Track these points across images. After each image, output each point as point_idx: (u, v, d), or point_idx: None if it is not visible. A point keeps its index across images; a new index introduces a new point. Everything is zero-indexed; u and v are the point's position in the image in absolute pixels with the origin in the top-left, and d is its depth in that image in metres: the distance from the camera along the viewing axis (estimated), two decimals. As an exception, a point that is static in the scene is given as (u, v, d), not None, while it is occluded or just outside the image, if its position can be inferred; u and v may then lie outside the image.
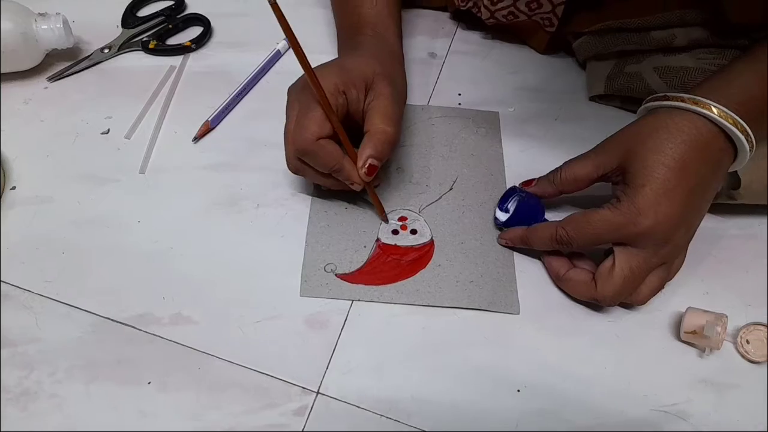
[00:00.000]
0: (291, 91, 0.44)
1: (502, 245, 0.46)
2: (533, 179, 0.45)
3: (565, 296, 0.43)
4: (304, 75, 0.43)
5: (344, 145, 0.42)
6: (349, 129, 0.43)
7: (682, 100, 0.39)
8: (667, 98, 0.40)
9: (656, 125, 0.39)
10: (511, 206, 0.45)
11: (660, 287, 0.41)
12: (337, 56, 0.51)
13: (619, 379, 0.40)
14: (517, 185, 0.46)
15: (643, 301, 0.42)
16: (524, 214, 0.45)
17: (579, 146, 0.48)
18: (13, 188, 0.47)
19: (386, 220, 0.46)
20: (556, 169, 0.44)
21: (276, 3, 0.37)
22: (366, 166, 0.41)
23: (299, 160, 0.43)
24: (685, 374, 0.41)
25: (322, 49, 0.55)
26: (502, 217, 0.45)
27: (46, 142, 0.50)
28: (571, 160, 0.43)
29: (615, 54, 0.55)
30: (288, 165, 0.44)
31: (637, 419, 0.39)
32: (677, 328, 0.42)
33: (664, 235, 0.38)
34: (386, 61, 0.46)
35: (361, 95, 0.43)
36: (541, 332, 0.42)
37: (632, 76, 0.53)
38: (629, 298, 0.41)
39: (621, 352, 0.41)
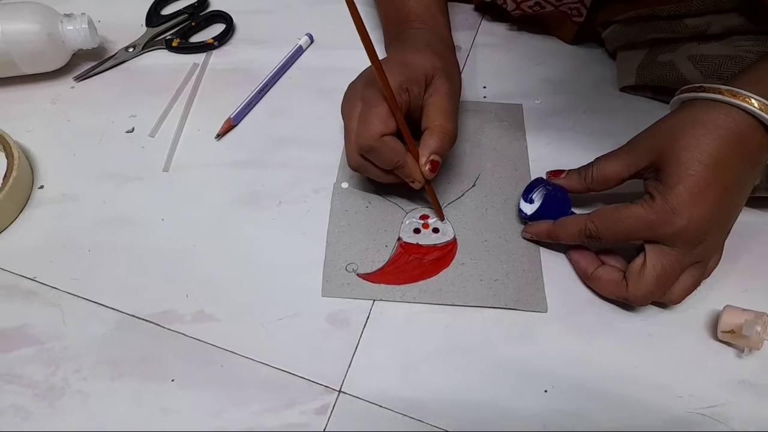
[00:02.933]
0: (352, 88, 0.43)
1: (526, 239, 0.44)
2: (562, 170, 0.44)
3: (595, 294, 0.42)
4: (364, 72, 0.43)
5: (407, 142, 0.41)
6: (407, 125, 0.42)
7: (720, 92, 0.37)
8: (703, 89, 0.38)
9: (691, 120, 0.37)
10: (537, 198, 0.44)
11: (694, 287, 0.40)
12: (385, 49, 0.51)
13: (652, 379, 0.39)
14: (543, 176, 0.45)
15: (677, 301, 0.40)
16: (551, 207, 0.43)
17: (608, 140, 0.46)
18: (41, 187, 0.48)
19: (442, 218, 0.46)
20: (588, 165, 0.42)
21: None
22: (429, 162, 0.41)
23: (362, 157, 0.42)
24: (722, 375, 0.39)
25: (345, 44, 0.55)
26: (528, 209, 0.44)
27: (73, 141, 0.51)
28: (601, 157, 0.42)
29: (647, 43, 0.53)
30: (349, 162, 0.43)
31: (672, 421, 0.37)
32: (714, 327, 0.40)
33: (698, 234, 0.37)
34: (444, 54, 0.46)
35: (421, 91, 0.42)
36: (569, 331, 0.41)
37: (665, 65, 0.51)
38: (662, 298, 0.40)
39: (654, 351, 0.40)
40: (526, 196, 0.44)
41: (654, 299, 0.39)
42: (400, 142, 0.41)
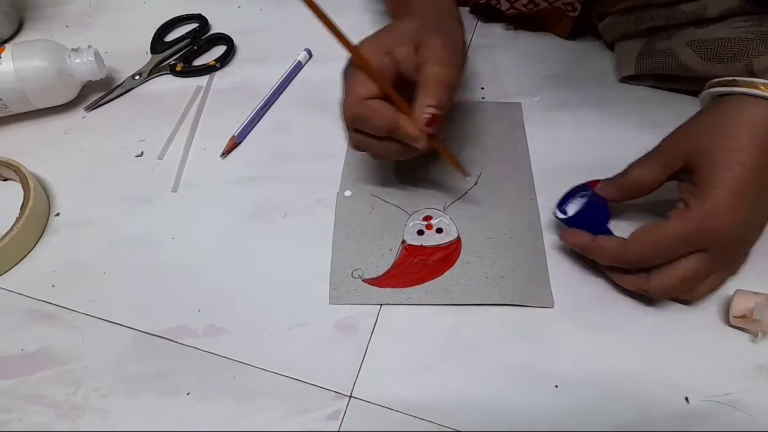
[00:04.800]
0: (342, 72, 0.42)
1: (563, 244, 0.43)
2: (597, 181, 0.42)
3: (602, 287, 0.42)
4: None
5: (396, 103, 0.39)
6: (407, 92, 0.39)
7: (755, 86, 0.34)
8: (736, 83, 0.36)
9: (725, 118, 0.35)
10: (575, 204, 0.43)
11: (719, 287, 0.38)
12: None
13: (665, 370, 0.38)
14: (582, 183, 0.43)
15: (699, 299, 0.39)
16: (591, 214, 0.42)
17: (610, 132, 0.46)
18: (58, 215, 0.49)
19: (467, 174, 0.44)
20: (621, 173, 0.40)
21: None
22: (424, 115, 0.38)
23: (356, 131, 0.40)
24: (737, 361, 0.38)
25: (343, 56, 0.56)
26: (571, 209, 0.42)
27: (86, 169, 0.53)
28: (634, 163, 0.40)
29: (644, 32, 0.52)
30: (349, 143, 0.41)
31: (688, 411, 0.37)
32: (726, 313, 0.39)
33: (735, 239, 0.35)
34: (433, 17, 0.44)
35: (410, 52, 0.39)
36: (577, 325, 0.40)
37: (664, 52, 0.50)
38: (684, 295, 0.38)
39: (666, 341, 0.39)
40: (566, 200, 0.43)
41: (675, 296, 0.38)
42: (388, 105, 0.39)
